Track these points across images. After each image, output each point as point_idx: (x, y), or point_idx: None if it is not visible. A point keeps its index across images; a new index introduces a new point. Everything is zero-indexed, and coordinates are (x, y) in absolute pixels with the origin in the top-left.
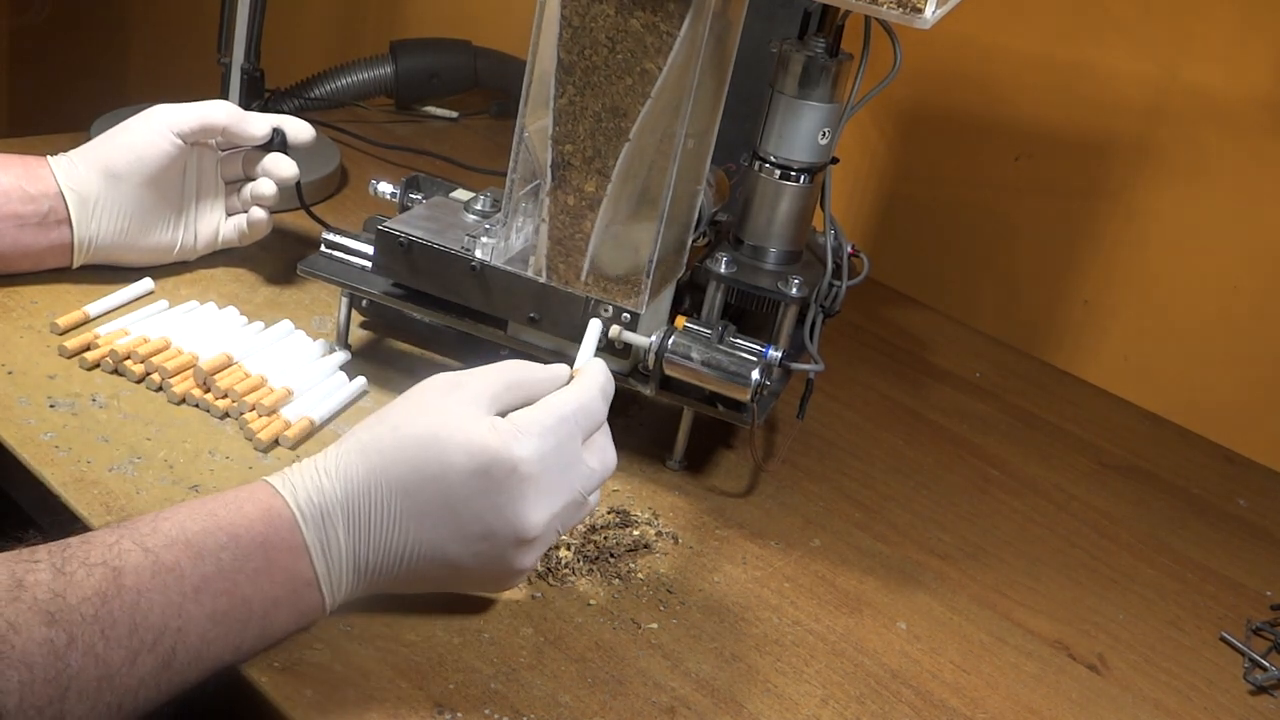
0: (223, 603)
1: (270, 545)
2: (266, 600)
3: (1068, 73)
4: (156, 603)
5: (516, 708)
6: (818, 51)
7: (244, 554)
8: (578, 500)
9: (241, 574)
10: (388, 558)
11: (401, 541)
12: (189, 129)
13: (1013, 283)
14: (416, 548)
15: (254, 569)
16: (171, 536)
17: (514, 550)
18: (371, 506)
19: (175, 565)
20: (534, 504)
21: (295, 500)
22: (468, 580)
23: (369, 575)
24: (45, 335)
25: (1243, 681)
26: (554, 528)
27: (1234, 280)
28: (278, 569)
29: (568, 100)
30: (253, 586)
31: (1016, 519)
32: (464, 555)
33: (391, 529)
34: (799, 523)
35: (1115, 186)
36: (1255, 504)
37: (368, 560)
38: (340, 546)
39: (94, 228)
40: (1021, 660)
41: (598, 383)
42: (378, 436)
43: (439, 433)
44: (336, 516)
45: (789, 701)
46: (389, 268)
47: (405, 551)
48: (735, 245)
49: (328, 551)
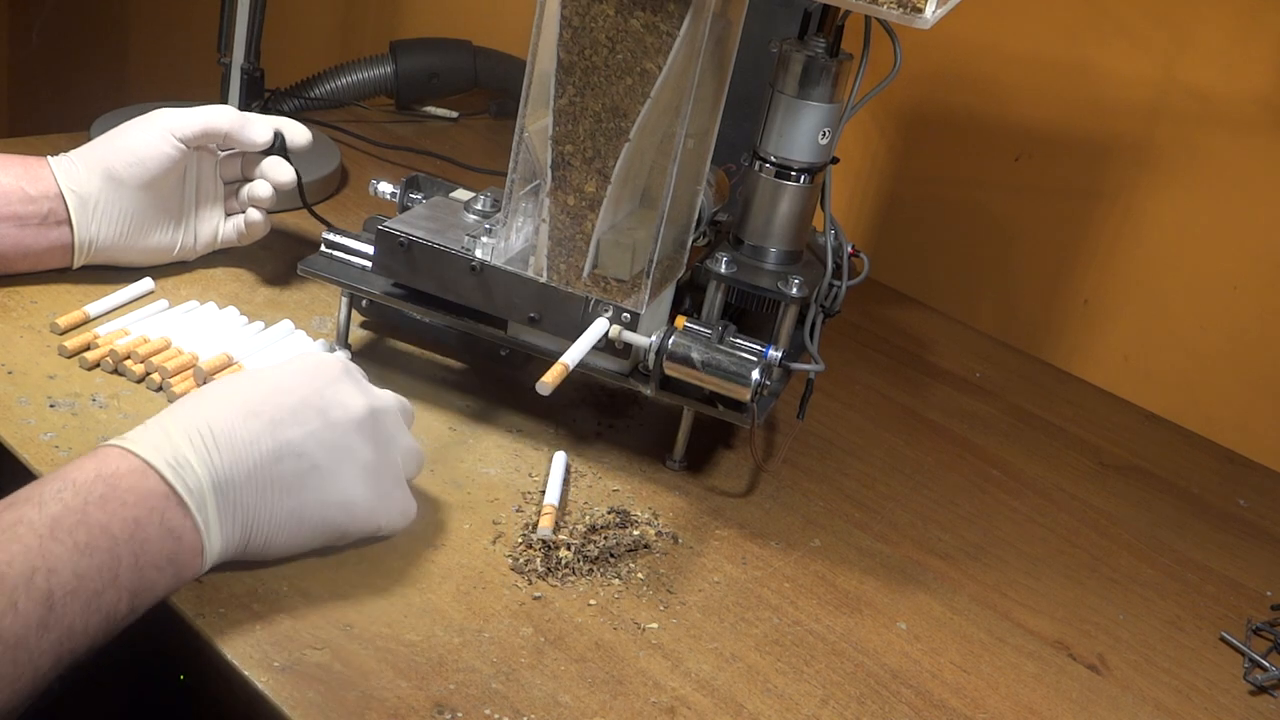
0: (81, 534)
1: (107, 474)
2: (126, 522)
3: (1068, 73)
4: (16, 552)
5: (516, 708)
6: (818, 51)
7: (84, 487)
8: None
9: (89, 504)
10: (240, 462)
11: (247, 441)
12: (191, 134)
13: (1013, 283)
14: (262, 443)
15: (99, 496)
16: (11, 500)
17: (353, 435)
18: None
19: (21, 518)
20: (356, 391)
21: (126, 440)
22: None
23: (230, 484)
24: (45, 335)
25: (1243, 681)
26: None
27: (1234, 280)
28: (126, 492)
29: (568, 100)
30: (104, 512)
31: (1016, 519)
32: (311, 446)
33: (234, 430)
34: (799, 523)
35: (1115, 186)
36: (1255, 504)
37: (221, 465)
38: (188, 458)
39: (94, 229)
40: (1021, 660)
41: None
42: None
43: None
44: (175, 435)
45: (789, 701)
46: (389, 268)
47: (254, 450)
48: (735, 245)
49: (174, 464)
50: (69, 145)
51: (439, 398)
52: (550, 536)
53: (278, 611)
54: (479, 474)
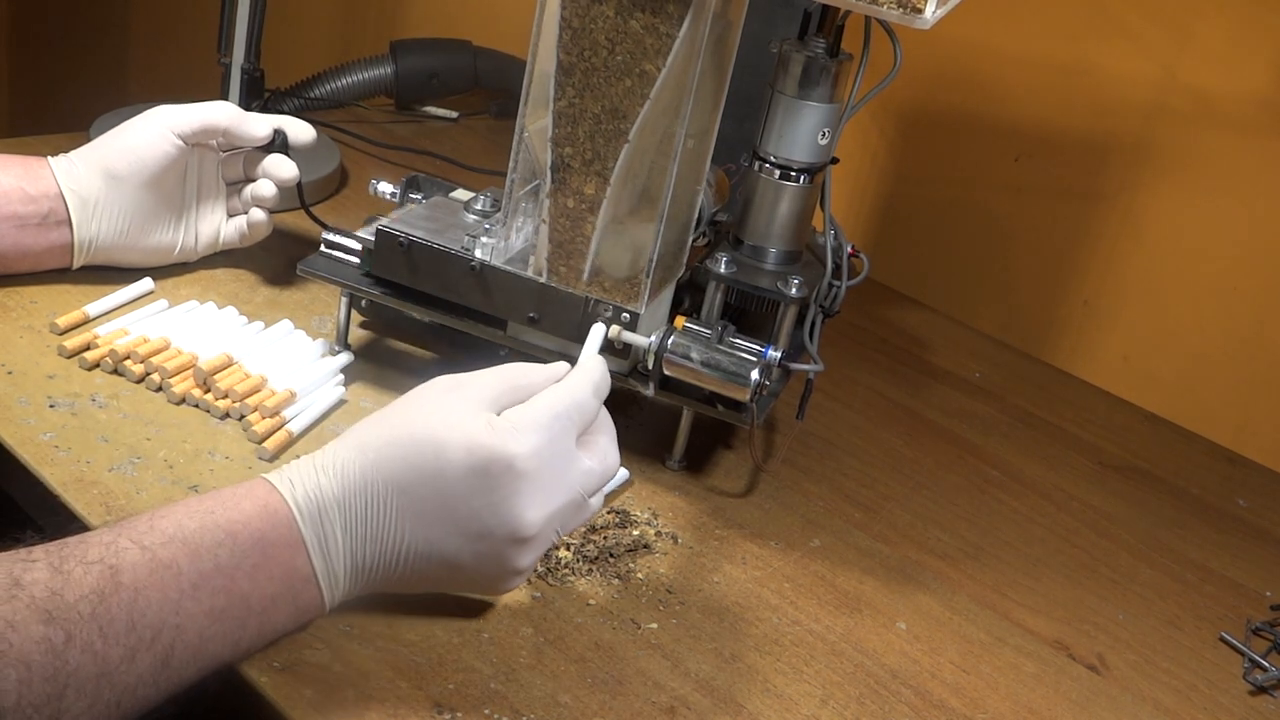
0: (221, 600)
1: (267, 541)
2: (265, 597)
3: (1068, 73)
4: (154, 600)
5: (516, 708)
6: (818, 51)
7: (241, 550)
8: (577, 501)
9: (239, 570)
10: (385, 555)
11: (398, 539)
12: (190, 131)
13: (1013, 283)
14: (414, 545)
15: (252, 565)
16: (169, 534)
17: (511, 549)
18: (368, 503)
19: (172, 562)
20: (531, 502)
21: (293, 496)
22: (466, 580)
23: (367, 573)
24: (45, 335)
25: (1242, 681)
26: (552, 527)
27: (1234, 280)
28: (275, 565)
29: (567, 102)
30: (250, 583)
31: (1016, 519)
32: (462, 553)
33: (388, 526)
34: (799, 523)
35: (1115, 187)
36: (1255, 504)
37: (365, 557)
38: (338, 543)
39: (94, 229)
40: (1021, 660)
41: (592, 379)
42: (376, 434)
43: (436, 430)
44: (333, 513)
45: (789, 701)
46: (388, 267)
47: (402, 549)
48: (735, 245)
49: (325, 548)
50: (69, 145)
51: None
52: None
53: None
54: None
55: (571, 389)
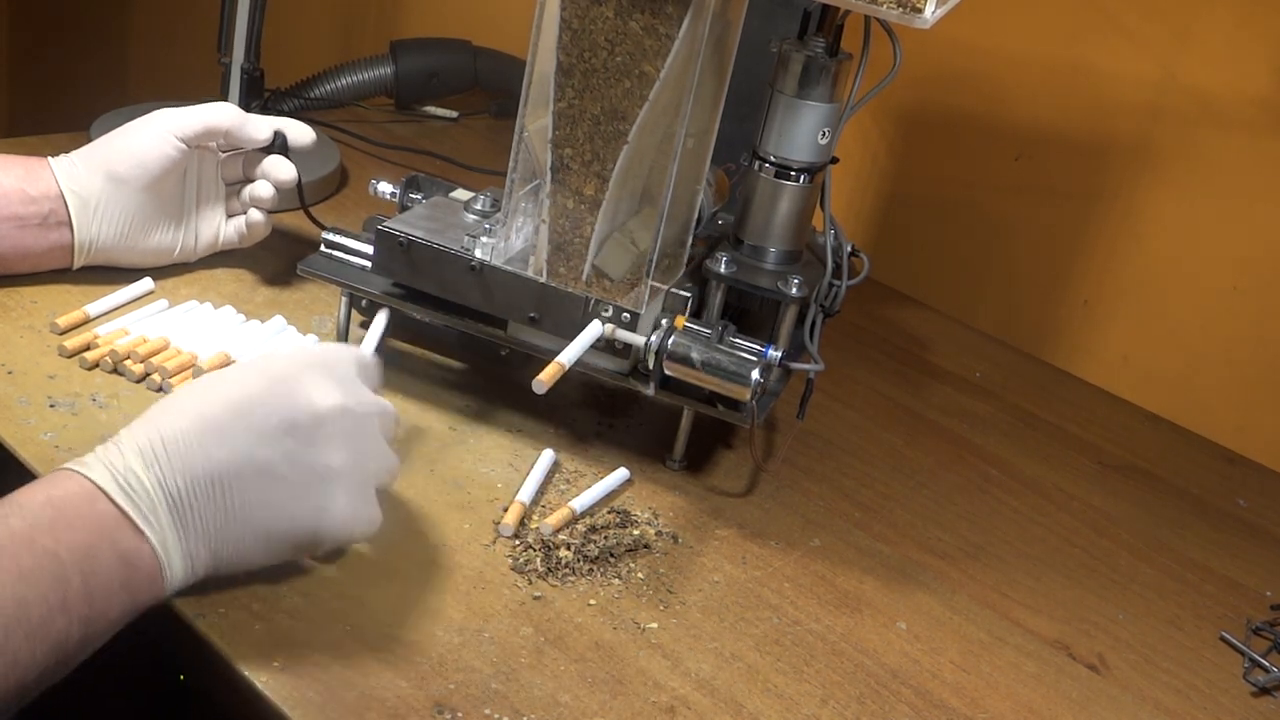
0: (26, 559)
1: (56, 498)
2: (74, 549)
3: (1068, 73)
4: None
5: (516, 708)
6: (818, 51)
7: (32, 512)
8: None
9: (36, 530)
10: (198, 479)
11: (204, 456)
12: (192, 133)
13: (1013, 283)
14: (221, 458)
15: (48, 520)
16: None
17: (319, 443)
18: (166, 440)
19: None
20: (322, 389)
21: (78, 464)
22: (293, 492)
23: (189, 504)
24: (45, 335)
25: (1243, 682)
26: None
27: (1233, 280)
28: (75, 516)
29: (567, 103)
30: (50, 537)
31: (1016, 519)
32: (274, 458)
33: (190, 445)
34: (799, 522)
35: (1115, 186)
36: (1255, 504)
37: (178, 484)
38: (139, 476)
39: (95, 230)
40: (1021, 660)
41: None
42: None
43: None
44: (126, 454)
45: (789, 701)
46: (389, 267)
47: (213, 466)
48: (735, 245)
49: (128, 489)
50: (69, 145)
51: (439, 398)
52: (509, 534)
53: (278, 611)
54: (479, 474)
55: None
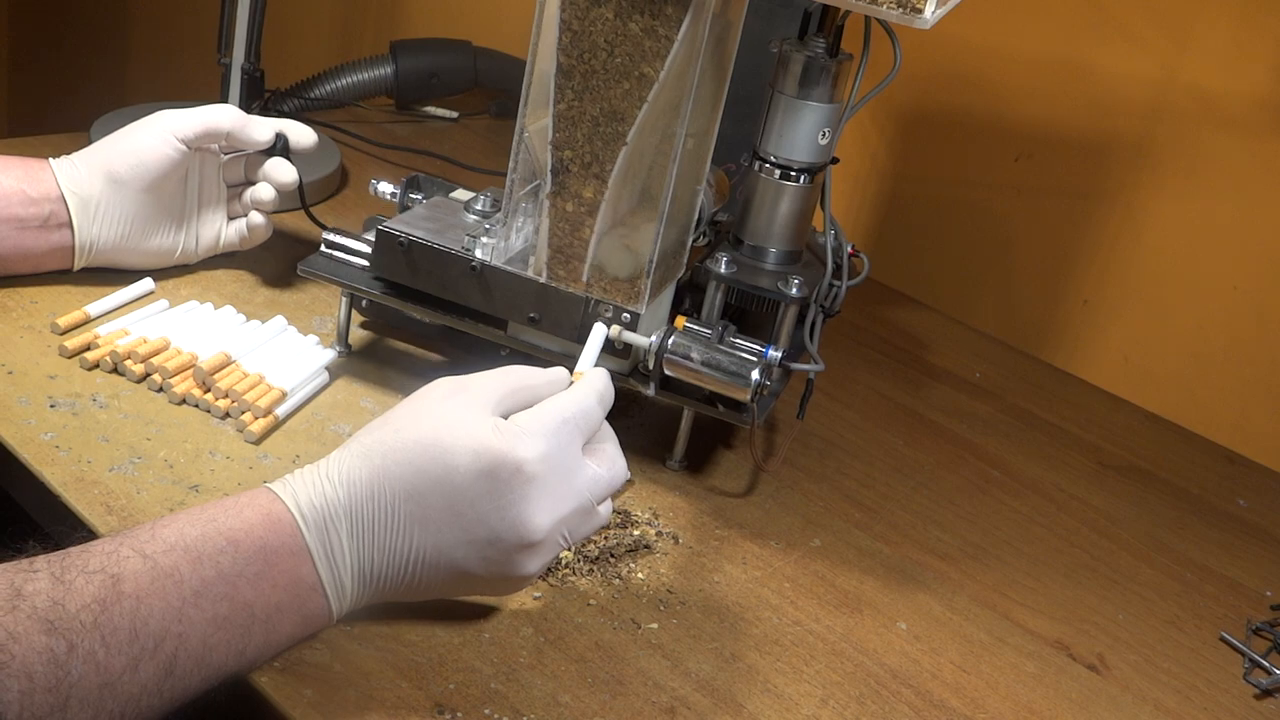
0: (224, 607)
1: (270, 549)
2: (269, 605)
3: (1068, 73)
4: (156, 608)
5: (516, 708)
6: (818, 51)
7: (244, 558)
8: (585, 507)
9: (242, 578)
10: (393, 563)
11: (406, 546)
12: (193, 135)
13: (1013, 283)
14: (422, 552)
15: (255, 573)
16: (170, 542)
17: (519, 554)
18: (375, 510)
19: (174, 570)
20: (539, 506)
21: (296, 504)
22: (474, 585)
23: (375, 581)
24: (45, 335)
25: (1243, 682)
26: (560, 532)
27: (1234, 280)
28: (280, 573)
29: (566, 105)
30: (254, 591)
31: (1016, 519)
32: (470, 559)
33: (396, 533)
34: (799, 523)
35: (1115, 186)
36: (1255, 504)
37: (373, 565)
38: (344, 551)
39: (95, 231)
40: (1021, 660)
41: (596, 388)
42: (380, 440)
43: (442, 435)
44: (340, 521)
45: (789, 701)
46: (389, 268)
47: (411, 556)
48: (735, 245)
49: (331, 556)
50: (69, 146)
51: None
52: None
53: None
54: None
55: (577, 397)
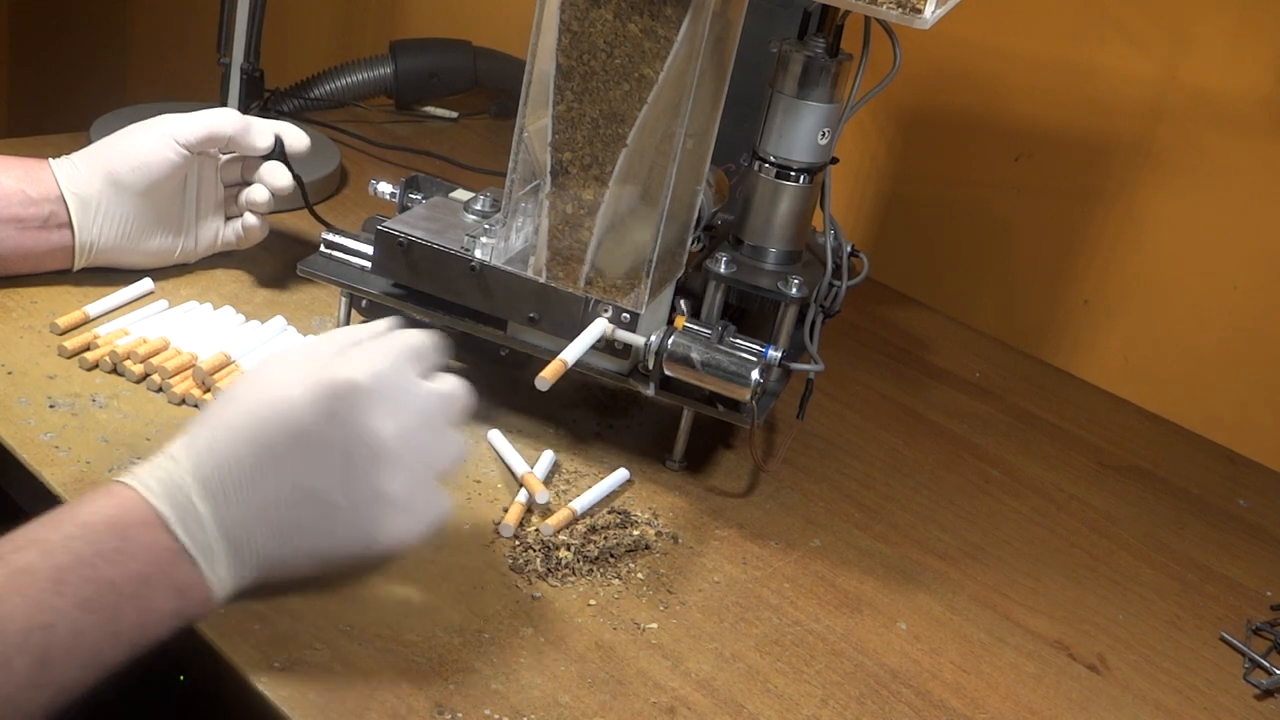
0: (87, 590)
1: (120, 524)
2: (133, 578)
3: (1068, 73)
4: (16, 604)
5: (516, 708)
6: (818, 51)
7: (95, 538)
8: (430, 422)
9: (99, 558)
10: (256, 512)
11: (263, 491)
12: (194, 139)
13: (1013, 283)
14: (278, 494)
15: (111, 549)
16: (20, 541)
17: (375, 470)
18: (222, 465)
19: (28, 566)
20: (379, 415)
21: (140, 481)
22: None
23: (246, 537)
24: (45, 335)
25: (1243, 682)
26: (410, 447)
27: (1234, 280)
28: (136, 545)
29: (566, 106)
30: (113, 567)
31: (1016, 519)
32: (330, 488)
33: (248, 483)
34: (799, 523)
35: (1115, 186)
36: (1255, 504)
37: (236, 519)
38: (199, 512)
39: (95, 232)
40: (1021, 660)
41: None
42: (218, 407)
43: (276, 382)
44: (187, 483)
45: (789, 701)
46: (389, 268)
47: (270, 500)
48: (735, 245)
49: (186, 520)
50: (69, 146)
51: None
52: (510, 535)
53: (278, 611)
54: (479, 474)
55: (402, 334)
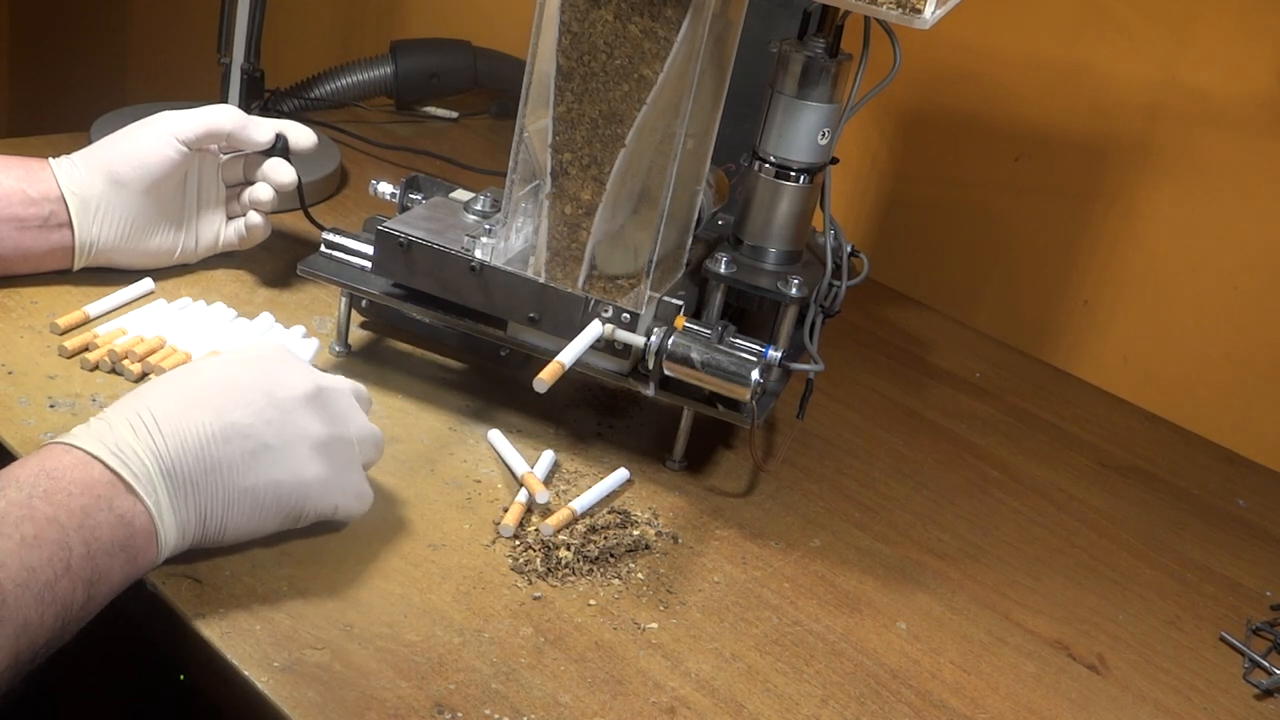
0: (27, 527)
1: (50, 467)
2: (73, 511)
3: (1068, 73)
4: None
5: (516, 708)
6: (817, 52)
7: (27, 483)
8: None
9: (34, 498)
10: (187, 445)
11: (193, 425)
12: (193, 136)
13: (1013, 283)
14: (209, 428)
15: (44, 490)
16: None
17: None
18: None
19: None
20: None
21: (66, 435)
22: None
23: (181, 472)
24: (45, 335)
25: (1243, 682)
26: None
27: (1234, 280)
28: (70, 483)
29: (566, 107)
30: (50, 504)
31: (1016, 519)
32: (256, 423)
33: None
34: (799, 523)
35: (1115, 186)
36: (1255, 504)
37: (168, 452)
38: (129, 443)
39: (95, 231)
40: (1021, 660)
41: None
42: (147, 384)
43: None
44: (118, 423)
45: (789, 701)
46: (389, 268)
47: (201, 435)
48: (735, 245)
49: (119, 451)
50: (69, 146)
51: (439, 398)
52: (510, 535)
53: (278, 611)
54: (479, 474)
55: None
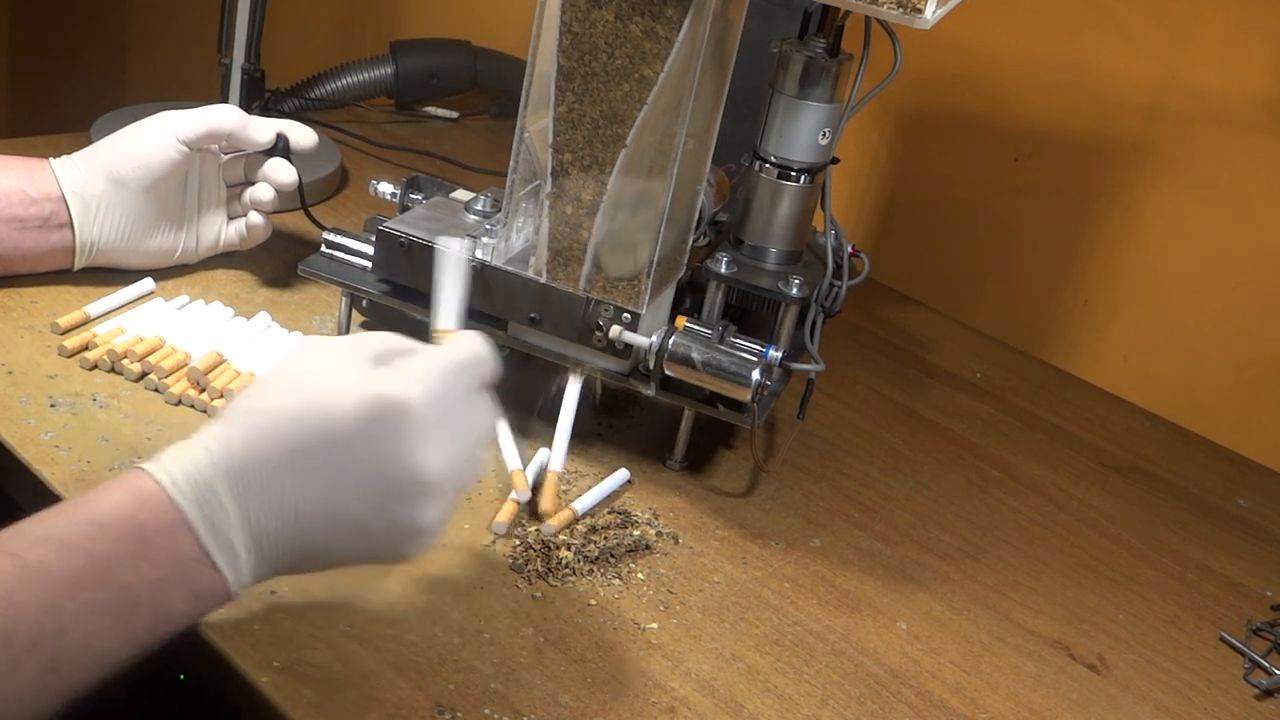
0: (101, 595)
1: (143, 526)
2: (150, 584)
3: (1068, 73)
4: (28, 607)
5: (516, 708)
6: (818, 51)
7: (115, 540)
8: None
9: (117, 561)
10: (285, 522)
11: (296, 502)
12: (194, 135)
13: (1013, 283)
14: (312, 508)
15: (129, 554)
16: (36, 537)
17: (417, 501)
18: (258, 469)
19: (41, 565)
20: (430, 447)
21: (169, 476)
22: (377, 542)
23: (271, 545)
24: (45, 335)
25: (1243, 682)
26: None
27: (1234, 280)
28: (157, 550)
29: (567, 107)
30: (132, 573)
31: (1016, 519)
32: (364, 510)
33: (282, 490)
34: (799, 523)
35: (1115, 186)
36: (1255, 504)
37: (263, 526)
38: (229, 516)
39: (96, 231)
40: (1021, 660)
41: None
42: (254, 401)
43: (321, 384)
44: (218, 486)
45: (789, 701)
46: (389, 268)
47: (302, 513)
48: (735, 245)
49: (214, 522)
50: (69, 146)
51: None
52: (502, 533)
53: (278, 611)
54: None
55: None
